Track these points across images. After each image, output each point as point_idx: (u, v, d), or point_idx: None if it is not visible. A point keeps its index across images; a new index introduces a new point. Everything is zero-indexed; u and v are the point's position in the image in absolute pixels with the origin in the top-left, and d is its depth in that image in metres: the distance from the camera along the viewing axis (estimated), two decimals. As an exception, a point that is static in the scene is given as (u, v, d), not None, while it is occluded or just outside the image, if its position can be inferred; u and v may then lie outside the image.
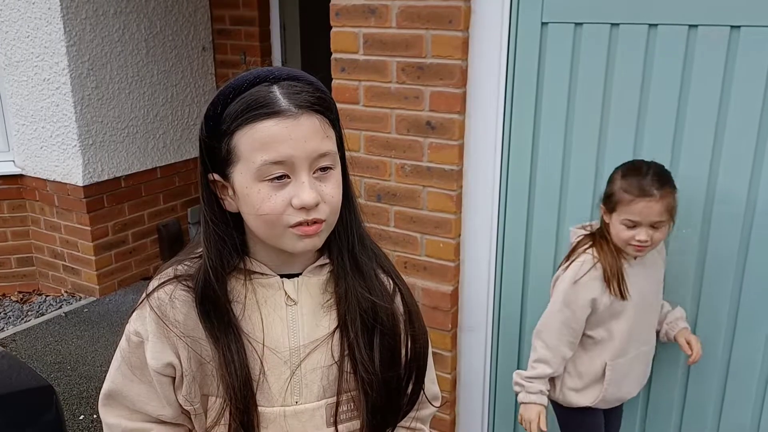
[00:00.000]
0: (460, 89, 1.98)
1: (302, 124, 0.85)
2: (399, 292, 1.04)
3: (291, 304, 0.97)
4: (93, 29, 3.56)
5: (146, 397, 0.97)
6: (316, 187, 0.88)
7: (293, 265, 0.98)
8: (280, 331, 0.96)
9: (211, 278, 0.92)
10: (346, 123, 2.18)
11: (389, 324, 0.99)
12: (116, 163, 3.83)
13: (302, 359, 0.96)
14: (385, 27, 2.03)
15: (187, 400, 0.96)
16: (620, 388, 1.81)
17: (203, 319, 0.93)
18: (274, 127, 0.84)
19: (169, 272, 0.97)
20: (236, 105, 0.86)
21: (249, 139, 0.85)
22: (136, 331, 0.95)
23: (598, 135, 1.90)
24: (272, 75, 0.87)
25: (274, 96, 0.86)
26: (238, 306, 0.95)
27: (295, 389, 0.96)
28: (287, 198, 0.86)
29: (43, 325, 3.57)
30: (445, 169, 2.07)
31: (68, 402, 2.85)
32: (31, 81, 3.63)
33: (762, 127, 1.70)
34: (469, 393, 2.33)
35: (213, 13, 4.24)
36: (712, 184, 1.79)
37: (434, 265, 2.18)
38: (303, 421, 0.97)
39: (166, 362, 0.94)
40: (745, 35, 1.66)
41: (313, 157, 0.87)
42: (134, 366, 0.96)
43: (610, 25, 1.81)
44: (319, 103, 0.88)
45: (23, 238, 4.04)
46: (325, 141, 0.88)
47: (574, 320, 1.74)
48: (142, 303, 0.96)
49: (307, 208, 0.87)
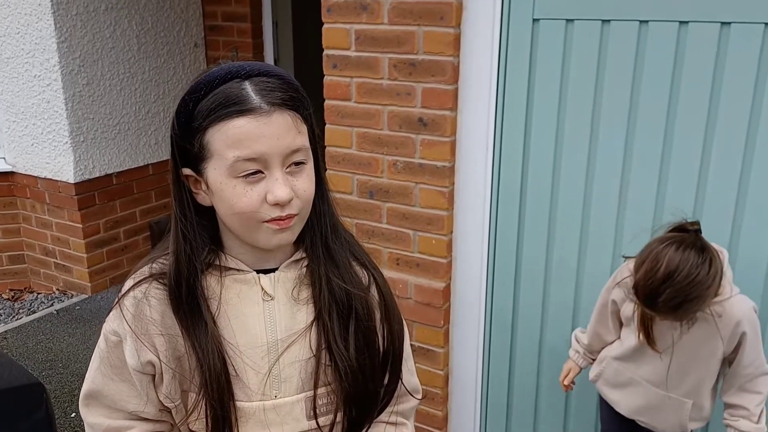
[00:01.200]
0: (451, 86, 1.98)
1: (274, 122, 0.85)
2: (374, 281, 1.04)
3: (268, 299, 0.97)
4: (84, 25, 3.54)
5: (127, 396, 0.97)
6: (290, 182, 0.88)
7: (269, 260, 0.98)
8: (258, 326, 0.96)
9: (183, 275, 0.92)
10: (338, 119, 2.18)
11: (364, 312, 0.99)
12: (108, 160, 3.81)
13: (280, 353, 0.96)
14: (376, 23, 2.03)
15: (168, 397, 0.96)
16: (611, 390, 1.79)
17: (177, 315, 0.93)
18: (247, 125, 0.84)
19: (144, 270, 0.97)
20: (208, 102, 0.86)
21: (222, 137, 0.86)
22: (113, 330, 0.95)
23: (590, 131, 1.90)
24: (243, 71, 0.87)
25: (246, 93, 0.85)
26: (214, 302, 0.95)
27: (274, 383, 0.97)
28: (262, 194, 0.87)
29: (35, 322, 3.55)
30: (437, 165, 2.07)
31: (60, 399, 2.84)
32: (22, 77, 3.61)
33: (752, 122, 1.71)
34: (462, 389, 2.33)
35: (205, 10, 4.23)
36: (702, 179, 1.79)
37: (427, 262, 2.18)
38: (282, 415, 0.97)
39: (145, 360, 0.94)
40: (735, 31, 1.67)
41: (286, 153, 0.87)
42: (114, 365, 0.96)
43: (600, 21, 1.81)
44: (290, 99, 0.88)
45: (14, 235, 4.02)
46: (298, 137, 0.88)
47: (606, 306, 1.75)
48: (118, 302, 0.96)
49: (281, 204, 0.87)
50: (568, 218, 2.00)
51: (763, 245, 1.77)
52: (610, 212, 1.93)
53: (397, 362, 1.06)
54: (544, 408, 2.23)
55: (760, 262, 1.78)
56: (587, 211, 1.97)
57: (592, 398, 2.10)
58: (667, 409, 1.71)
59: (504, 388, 2.28)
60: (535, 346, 2.18)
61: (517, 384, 2.25)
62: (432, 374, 2.29)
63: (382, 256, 2.23)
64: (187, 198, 0.94)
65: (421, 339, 2.26)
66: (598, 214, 1.95)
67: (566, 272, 2.05)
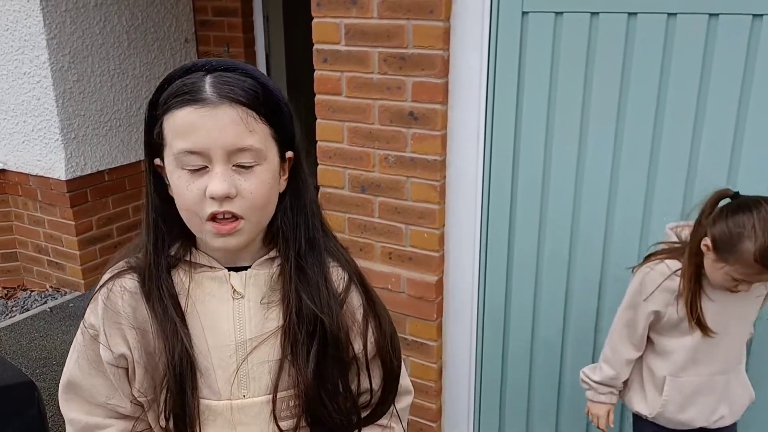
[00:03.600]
0: (442, 79, 1.98)
1: (219, 114, 0.84)
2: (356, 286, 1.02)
3: (237, 298, 0.96)
4: (73, 22, 3.52)
5: (104, 390, 0.97)
6: (233, 179, 0.86)
7: (240, 257, 0.97)
8: (226, 324, 0.95)
9: (152, 268, 0.92)
10: (329, 114, 2.17)
11: (332, 330, 0.96)
12: (99, 157, 3.80)
13: (248, 353, 0.95)
14: (366, 17, 2.02)
15: (140, 392, 0.96)
16: (682, 411, 1.64)
17: (149, 310, 0.93)
18: (190, 115, 0.84)
19: (120, 264, 0.97)
20: (169, 90, 0.87)
21: (170, 125, 0.86)
22: (90, 324, 0.96)
23: (580, 124, 1.91)
24: (209, 65, 0.87)
25: (201, 84, 0.85)
26: (183, 298, 0.94)
27: (243, 383, 0.96)
28: (202, 188, 0.86)
29: (28, 320, 3.55)
30: (428, 159, 2.07)
31: (53, 397, 2.84)
32: (12, 74, 3.59)
33: (740, 114, 1.71)
34: (455, 382, 2.34)
35: (195, 5, 4.21)
36: (692, 171, 1.80)
37: (419, 256, 2.18)
38: (251, 416, 0.96)
39: (118, 354, 0.94)
40: (723, 23, 1.67)
41: (230, 150, 0.85)
42: (91, 359, 0.96)
43: (589, 14, 1.81)
44: (247, 96, 0.85)
45: (7, 233, 4.01)
46: (246, 135, 0.85)
47: (636, 323, 1.63)
48: (94, 296, 0.96)
49: (216, 199, 0.85)
50: (559, 210, 2.00)
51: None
52: (601, 204, 1.94)
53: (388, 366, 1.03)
54: (537, 400, 2.24)
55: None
56: (578, 203, 1.98)
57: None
58: (735, 388, 1.66)
59: (497, 380, 2.29)
60: (528, 338, 2.19)
61: (510, 376, 2.26)
62: (425, 367, 2.30)
63: (374, 250, 2.23)
64: (154, 190, 0.93)
65: (414, 332, 2.27)
66: (589, 206, 1.96)
67: (558, 264, 2.06)
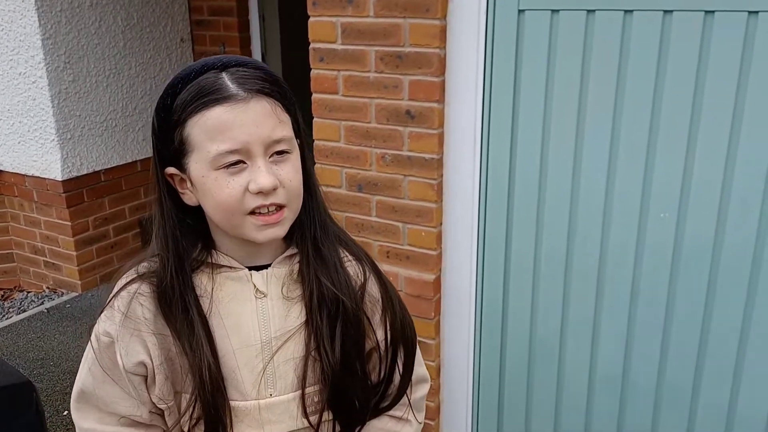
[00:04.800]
0: (438, 78, 1.98)
1: (252, 109, 0.84)
2: (372, 273, 1.03)
3: (260, 297, 0.95)
4: (69, 21, 3.51)
5: (119, 398, 0.95)
6: (273, 171, 0.86)
7: (260, 256, 0.96)
8: (251, 324, 0.95)
9: (169, 274, 0.91)
10: (325, 113, 2.17)
11: (353, 314, 0.97)
12: (95, 157, 3.79)
13: (274, 351, 0.95)
14: (362, 16, 2.02)
15: (161, 399, 0.94)
16: None
17: (168, 316, 0.91)
18: (224, 114, 0.83)
19: (133, 271, 0.96)
20: (185, 94, 0.86)
21: (201, 128, 0.85)
22: (105, 331, 0.93)
23: (576, 121, 1.91)
24: (220, 62, 0.87)
25: (222, 82, 0.85)
26: (206, 301, 0.93)
27: (269, 382, 0.96)
28: (244, 184, 0.85)
29: (25, 321, 3.54)
30: (425, 158, 2.07)
31: (51, 398, 2.84)
32: (7, 75, 3.58)
33: (736, 111, 1.72)
34: (454, 380, 2.34)
35: (191, 4, 4.20)
36: (688, 168, 1.80)
37: (416, 254, 2.19)
38: (278, 414, 0.96)
39: (137, 361, 0.92)
40: (719, 19, 1.67)
41: (267, 142, 0.85)
42: (105, 367, 0.94)
43: (586, 11, 1.81)
44: (269, 87, 0.86)
45: (2, 234, 4.00)
46: (279, 126, 0.87)
47: None
48: (109, 303, 0.95)
49: (264, 193, 0.85)
50: (557, 208, 2.01)
51: (748, 236, 1.78)
52: (598, 202, 1.94)
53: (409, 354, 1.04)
54: (536, 397, 2.24)
55: (746, 253, 1.80)
56: (575, 201, 1.98)
57: (582, 389, 2.12)
58: None
59: (495, 378, 2.29)
60: (526, 336, 2.19)
61: (509, 373, 2.27)
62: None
63: (372, 249, 2.23)
64: (169, 200, 0.92)
65: (412, 331, 2.26)
66: (586, 203, 1.96)
67: (555, 262, 2.06)
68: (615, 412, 2.10)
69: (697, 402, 1.96)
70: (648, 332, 1.97)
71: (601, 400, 2.10)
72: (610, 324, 2.02)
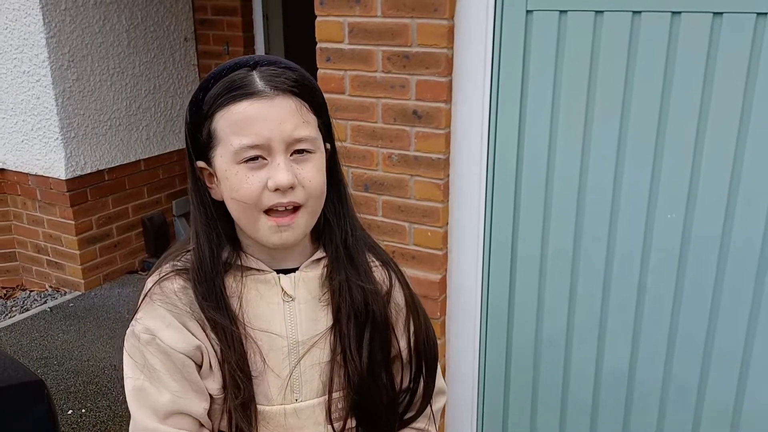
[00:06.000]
0: (446, 78, 1.99)
1: (277, 105, 0.85)
2: (398, 281, 1.03)
3: (288, 300, 0.95)
4: (73, 20, 3.51)
5: (177, 391, 0.90)
6: (293, 169, 0.87)
7: (288, 259, 0.96)
8: (278, 327, 0.94)
9: (206, 271, 0.91)
10: (333, 113, 2.15)
11: (381, 320, 0.97)
12: (99, 156, 3.79)
13: (301, 356, 0.94)
14: (370, 16, 2.02)
15: (219, 387, 0.91)
16: None
17: (203, 312, 0.91)
18: (248, 108, 0.84)
19: (167, 267, 0.95)
20: (216, 89, 0.87)
21: (226, 121, 0.86)
22: (145, 328, 0.90)
23: (584, 122, 1.91)
24: (253, 60, 0.88)
25: (251, 78, 0.86)
26: (235, 303, 0.93)
27: (295, 386, 0.95)
28: (263, 180, 0.86)
29: (28, 320, 3.54)
30: (432, 158, 2.07)
31: (55, 397, 2.84)
32: (11, 73, 3.58)
33: (744, 112, 1.72)
34: (459, 379, 2.34)
35: (195, 3, 4.21)
36: (696, 169, 1.81)
37: (422, 254, 2.19)
38: (303, 419, 0.96)
39: (194, 345, 0.90)
40: (727, 21, 1.68)
41: (288, 140, 0.86)
42: (153, 362, 0.90)
43: (594, 12, 1.82)
44: (297, 86, 0.87)
45: (6, 233, 4.00)
46: (302, 125, 0.87)
47: None
48: (145, 300, 0.92)
49: (281, 190, 0.85)
50: (563, 208, 2.01)
51: (754, 235, 1.79)
52: (605, 202, 1.95)
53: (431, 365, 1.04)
54: (541, 398, 2.24)
55: (752, 252, 1.80)
56: (582, 201, 1.98)
57: (588, 389, 2.12)
58: None
59: (501, 378, 2.29)
60: (532, 336, 2.20)
61: (514, 374, 2.27)
62: (429, 365, 2.30)
63: (377, 248, 2.23)
64: (204, 194, 0.93)
65: (418, 331, 2.27)
66: (593, 204, 1.96)
67: (562, 262, 2.06)
68: (621, 413, 2.10)
69: (703, 401, 1.97)
70: (654, 332, 1.97)
71: (607, 400, 2.11)
72: (617, 324, 2.02)
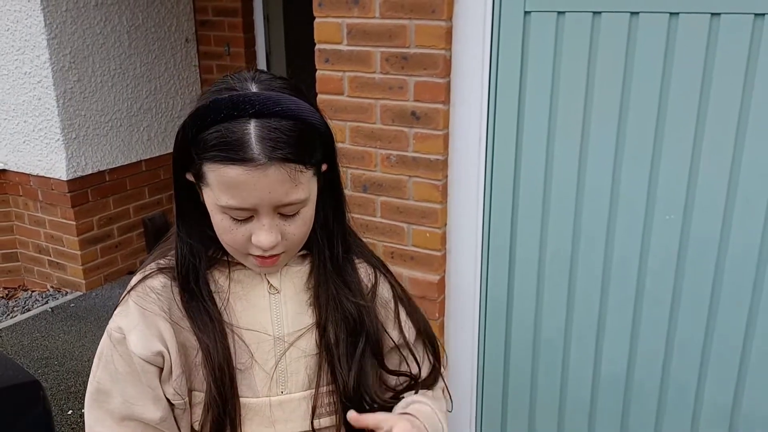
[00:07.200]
0: (444, 79, 1.99)
1: (270, 175, 0.82)
2: (383, 275, 1.06)
3: (274, 293, 0.97)
4: (74, 21, 3.52)
5: (132, 397, 0.92)
6: (279, 226, 0.88)
7: None
8: (264, 320, 0.96)
9: (187, 268, 0.93)
10: (331, 114, 2.18)
11: (365, 316, 1.00)
12: (100, 157, 3.80)
13: (287, 347, 0.96)
14: (368, 17, 2.03)
15: (177, 393, 0.93)
16: None
17: (185, 309, 0.93)
18: (240, 175, 0.82)
19: (152, 266, 0.97)
20: (211, 135, 0.82)
21: (216, 178, 0.84)
22: (118, 326, 0.92)
23: (582, 123, 1.91)
24: (252, 108, 0.82)
25: (247, 139, 0.81)
26: (222, 296, 0.95)
27: (281, 379, 0.96)
28: (247, 234, 0.87)
29: (30, 320, 3.55)
30: (430, 159, 2.07)
31: (56, 397, 2.84)
32: (12, 75, 3.59)
33: (742, 113, 1.72)
34: (458, 380, 2.34)
35: (196, 4, 4.22)
36: (694, 170, 1.81)
37: (421, 255, 2.19)
38: (288, 412, 0.97)
39: (155, 351, 0.91)
40: (725, 22, 1.67)
41: (277, 205, 0.85)
42: (117, 364, 0.92)
43: (592, 13, 1.82)
44: (294, 152, 0.83)
45: (7, 233, 4.01)
46: (294, 190, 0.85)
47: None
48: (124, 298, 0.95)
49: (263, 248, 0.88)
50: (562, 209, 2.01)
51: (753, 236, 1.78)
52: (603, 203, 1.94)
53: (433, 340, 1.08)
54: (540, 399, 2.24)
55: (751, 253, 1.80)
56: (580, 202, 1.98)
57: (586, 389, 2.12)
58: None
59: (499, 379, 2.29)
60: (530, 337, 2.19)
61: (513, 375, 2.27)
62: (428, 366, 2.30)
63: (376, 249, 2.24)
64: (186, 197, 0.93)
65: (417, 332, 2.27)
66: (591, 205, 1.96)
67: (560, 263, 2.06)
68: (619, 413, 2.10)
69: (701, 402, 1.96)
70: (652, 333, 1.97)
71: (606, 400, 2.11)
72: (615, 325, 2.02)
